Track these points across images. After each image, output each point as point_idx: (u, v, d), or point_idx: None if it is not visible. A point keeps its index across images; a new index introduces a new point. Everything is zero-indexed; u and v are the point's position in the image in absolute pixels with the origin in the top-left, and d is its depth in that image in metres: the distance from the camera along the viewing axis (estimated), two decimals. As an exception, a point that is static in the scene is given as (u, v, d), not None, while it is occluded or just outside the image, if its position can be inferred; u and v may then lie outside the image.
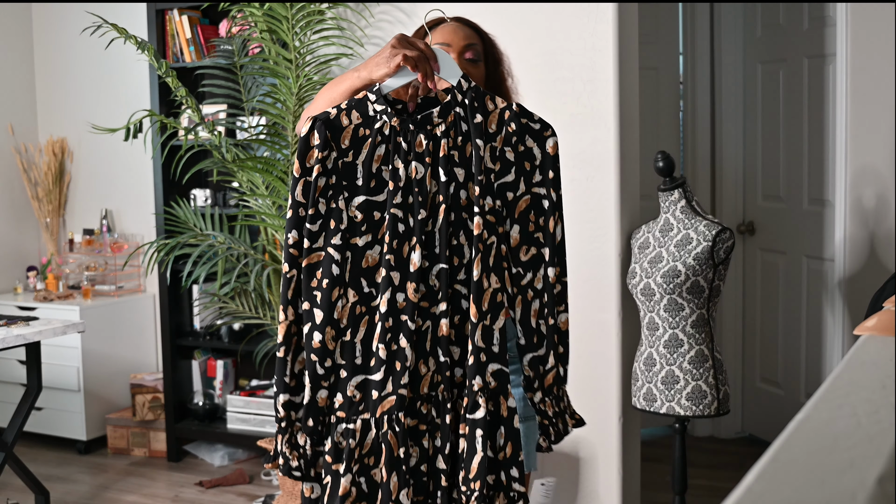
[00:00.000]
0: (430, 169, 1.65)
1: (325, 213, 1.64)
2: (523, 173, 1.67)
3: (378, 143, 1.66)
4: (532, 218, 1.68)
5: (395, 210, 1.63)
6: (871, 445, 0.68)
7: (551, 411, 1.70)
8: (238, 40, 3.76)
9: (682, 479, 3.14)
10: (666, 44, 4.37)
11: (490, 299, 1.63)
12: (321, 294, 1.63)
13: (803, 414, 0.77)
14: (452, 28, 1.98)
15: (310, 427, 1.64)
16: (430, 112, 1.67)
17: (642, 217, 3.40)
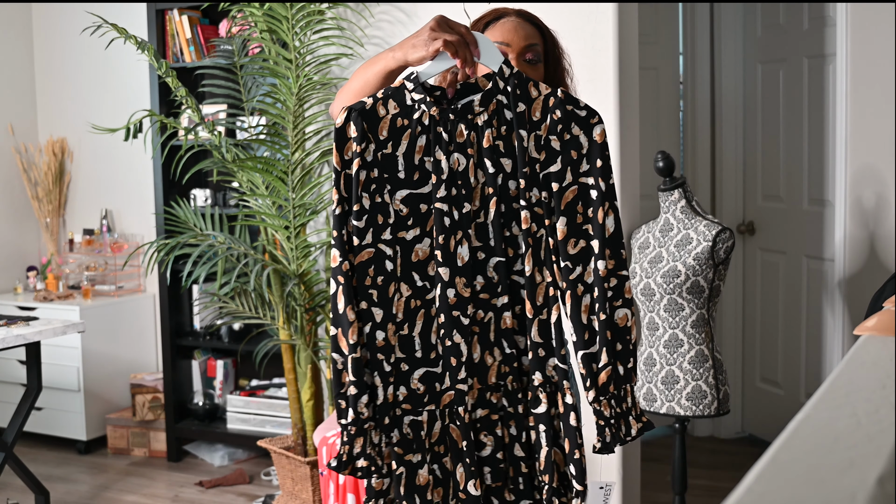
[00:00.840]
0: (473, 160, 1.61)
1: (370, 208, 1.60)
2: (570, 163, 1.61)
3: (418, 133, 1.61)
4: (580, 209, 1.61)
5: (440, 204, 1.59)
6: (871, 445, 0.68)
7: (608, 412, 1.63)
8: (238, 40, 3.76)
9: (682, 479, 3.14)
10: (666, 44, 4.37)
11: (544, 293, 1.60)
12: (377, 292, 1.60)
13: (803, 414, 0.77)
14: (513, 25, 1.88)
15: (385, 424, 1.61)
16: (470, 100, 1.61)
17: (642, 217, 3.39)
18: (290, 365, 3.59)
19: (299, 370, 3.57)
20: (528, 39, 1.88)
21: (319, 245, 3.57)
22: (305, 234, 3.54)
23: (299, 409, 3.59)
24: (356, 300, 1.61)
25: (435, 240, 1.60)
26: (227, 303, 3.71)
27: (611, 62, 3.20)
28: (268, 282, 3.43)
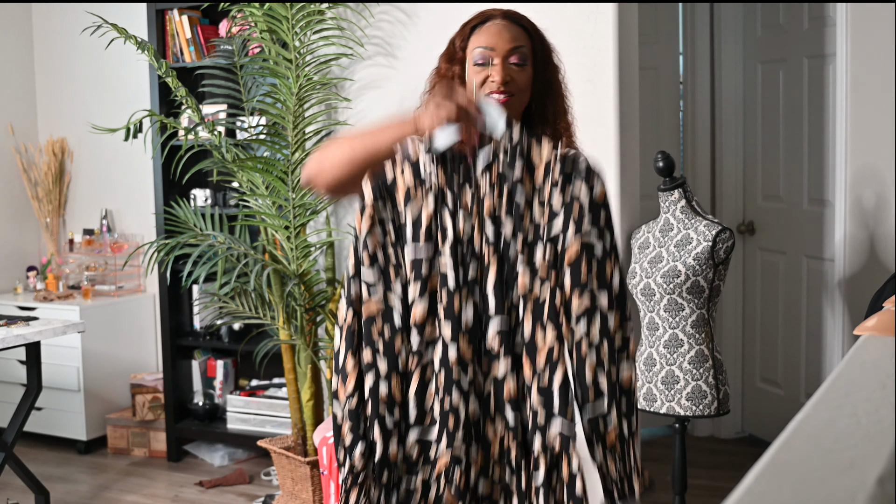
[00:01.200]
0: (476, 224, 1.64)
1: (383, 264, 1.65)
2: (572, 222, 1.63)
3: (428, 197, 1.67)
4: (584, 268, 1.61)
5: (445, 266, 1.63)
6: (871, 445, 0.68)
7: (615, 472, 1.62)
8: (238, 40, 3.76)
9: (682, 479, 3.14)
10: (666, 44, 4.37)
11: (546, 357, 1.58)
12: (384, 346, 1.62)
13: (803, 414, 0.77)
14: (498, 29, 1.88)
15: (383, 483, 1.62)
16: (474, 166, 1.67)
17: (642, 217, 3.39)
18: (290, 365, 3.59)
19: (299, 370, 3.57)
20: (513, 42, 1.87)
21: (319, 245, 3.57)
22: (305, 234, 3.54)
23: (299, 409, 3.59)
24: (362, 351, 1.63)
25: (439, 300, 1.62)
26: (227, 303, 3.71)
27: (611, 62, 3.20)
28: (268, 282, 3.43)
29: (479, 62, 1.87)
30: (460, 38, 1.93)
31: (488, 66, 1.86)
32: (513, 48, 1.87)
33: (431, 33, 3.51)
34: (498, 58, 1.85)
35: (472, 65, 1.87)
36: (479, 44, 1.87)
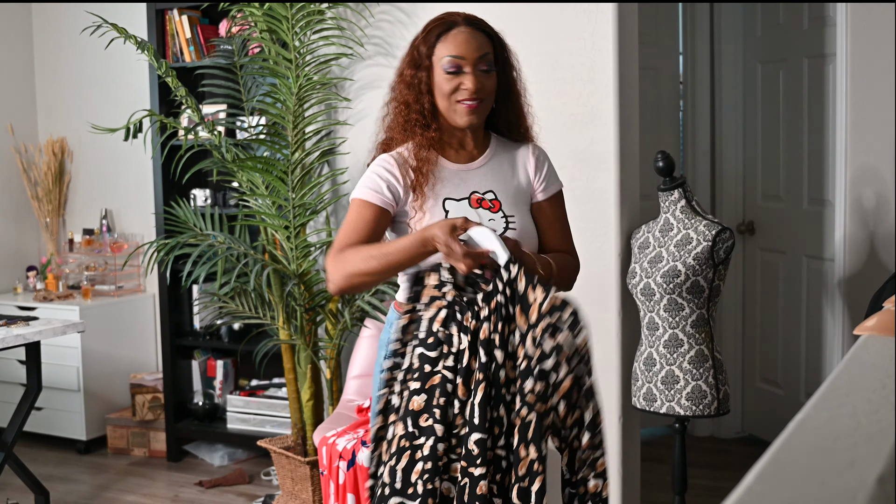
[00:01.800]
0: (470, 347, 1.81)
1: (402, 355, 1.89)
2: (564, 363, 1.78)
3: (442, 306, 1.85)
4: (575, 393, 1.80)
5: (445, 371, 1.81)
6: (871, 445, 0.68)
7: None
8: (238, 40, 3.76)
9: (682, 479, 3.14)
10: (666, 44, 4.37)
11: (528, 466, 1.76)
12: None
13: (803, 414, 0.77)
14: (465, 37, 1.98)
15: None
16: (475, 296, 1.84)
17: (642, 217, 3.39)
18: (290, 365, 3.59)
19: (299, 370, 3.57)
20: (480, 50, 1.99)
21: (319, 245, 3.57)
22: (305, 234, 3.54)
23: (299, 409, 3.59)
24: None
25: (437, 399, 1.80)
26: (227, 303, 3.71)
27: (611, 62, 3.20)
28: (268, 282, 3.43)
29: (450, 70, 1.98)
30: (425, 45, 2.02)
31: (459, 74, 1.98)
32: (480, 56, 1.98)
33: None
34: (468, 66, 1.97)
35: (444, 73, 1.98)
36: (448, 52, 1.97)
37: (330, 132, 3.71)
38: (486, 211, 2.05)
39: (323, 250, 3.70)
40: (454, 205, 2.05)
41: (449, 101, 2.00)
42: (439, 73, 1.99)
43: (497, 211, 2.06)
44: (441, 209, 2.04)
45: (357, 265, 1.91)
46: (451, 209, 2.05)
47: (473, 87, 1.96)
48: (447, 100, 2.00)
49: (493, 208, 2.06)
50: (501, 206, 2.07)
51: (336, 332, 3.47)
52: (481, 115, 2.03)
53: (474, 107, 1.99)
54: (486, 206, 2.06)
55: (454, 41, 1.98)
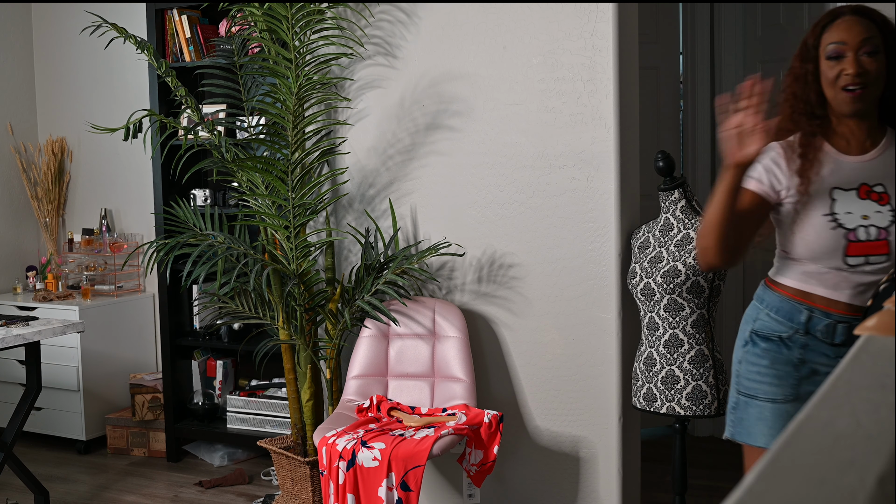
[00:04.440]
0: None
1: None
2: None
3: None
4: None
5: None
6: (871, 445, 0.67)
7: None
8: (238, 40, 3.75)
9: (682, 479, 3.14)
10: (666, 44, 4.37)
11: None
12: None
13: (803, 414, 0.77)
14: (847, 24, 2.02)
15: None
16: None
17: (642, 217, 3.39)
18: (290, 365, 3.58)
19: (299, 370, 3.57)
20: (863, 34, 2.01)
21: (319, 245, 3.57)
22: (305, 234, 3.54)
23: (299, 409, 3.59)
24: None
25: None
26: (227, 303, 3.71)
27: (611, 62, 3.19)
28: (267, 282, 3.43)
29: (831, 56, 2.04)
30: (812, 37, 2.10)
31: (841, 59, 2.02)
32: (863, 39, 2.01)
33: (431, 33, 3.51)
34: (850, 51, 2.01)
35: (825, 59, 2.03)
36: (830, 40, 2.03)
37: (330, 132, 3.71)
38: (874, 203, 2.07)
39: (323, 250, 3.70)
40: (842, 194, 2.08)
41: (834, 89, 2.05)
42: (824, 62, 2.06)
43: (885, 204, 2.07)
44: (828, 196, 2.08)
45: (704, 235, 2.04)
46: (838, 198, 2.08)
47: (854, 70, 2.00)
48: (832, 87, 2.06)
49: (881, 201, 2.07)
50: (890, 200, 2.07)
51: (336, 332, 3.47)
52: (866, 101, 2.05)
53: (858, 94, 2.02)
54: (874, 198, 2.07)
55: (837, 29, 2.03)
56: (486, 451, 3.04)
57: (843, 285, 2.09)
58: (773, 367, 2.16)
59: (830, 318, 2.11)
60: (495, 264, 3.45)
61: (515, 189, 3.40)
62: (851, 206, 2.06)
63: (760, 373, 2.18)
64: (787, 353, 2.15)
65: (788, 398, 2.15)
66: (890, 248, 2.05)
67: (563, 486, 3.38)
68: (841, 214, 2.07)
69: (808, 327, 2.13)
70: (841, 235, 2.06)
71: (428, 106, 3.53)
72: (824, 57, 2.05)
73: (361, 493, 2.91)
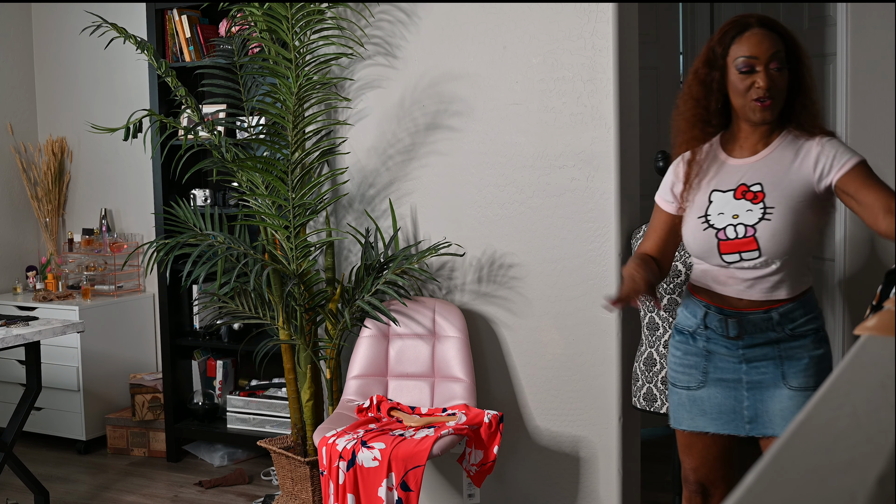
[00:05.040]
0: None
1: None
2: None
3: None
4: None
5: None
6: (871, 445, 0.67)
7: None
8: (238, 40, 3.75)
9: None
10: (666, 44, 4.37)
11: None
12: None
13: (803, 414, 0.77)
14: (758, 38, 2.12)
15: None
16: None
17: (642, 217, 3.39)
18: (290, 365, 3.58)
19: (299, 370, 3.57)
20: (773, 48, 2.12)
21: (319, 245, 3.57)
22: (305, 234, 3.54)
23: (299, 409, 3.59)
24: None
25: None
26: (227, 303, 3.71)
27: (611, 62, 3.19)
28: (267, 282, 3.43)
29: (743, 70, 2.13)
30: (720, 45, 2.17)
31: (752, 73, 2.12)
32: (772, 54, 2.11)
33: (431, 33, 3.51)
34: (761, 65, 2.11)
35: (738, 72, 2.13)
36: (741, 53, 2.12)
37: (330, 132, 3.71)
38: (747, 202, 2.17)
39: (323, 250, 3.70)
40: (719, 196, 2.20)
41: (744, 100, 2.15)
42: (733, 73, 2.15)
43: (758, 202, 2.16)
44: (706, 200, 2.21)
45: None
46: (715, 200, 2.20)
47: (765, 84, 2.10)
48: (742, 98, 2.15)
49: (754, 200, 2.17)
50: (765, 198, 2.16)
51: (336, 332, 3.47)
52: (774, 111, 2.15)
53: (767, 105, 2.12)
54: (748, 197, 2.18)
55: (748, 42, 2.12)
56: (486, 451, 3.04)
57: (730, 281, 2.22)
58: (686, 358, 2.33)
59: (722, 314, 2.24)
60: (495, 264, 3.45)
61: (515, 189, 3.40)
62: (725, 207, 2.18)
63: (676, 363, 2.36)
64: (694, 344, 2.31)
65: (699, 385, 2.31)
66: (758, 243, 2.14)
67: (563, 486, 3.38)
68: (713, 215, 2.19)
69: (705, 322, 2.28)
70: (712, 235, 2.19)
71: (428, 106, 3.53)
72: (734, 68, 2.14)
73: (361, 493, 2.91)
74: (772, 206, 2.14)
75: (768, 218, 2.14)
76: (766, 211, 2.15)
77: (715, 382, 2.29)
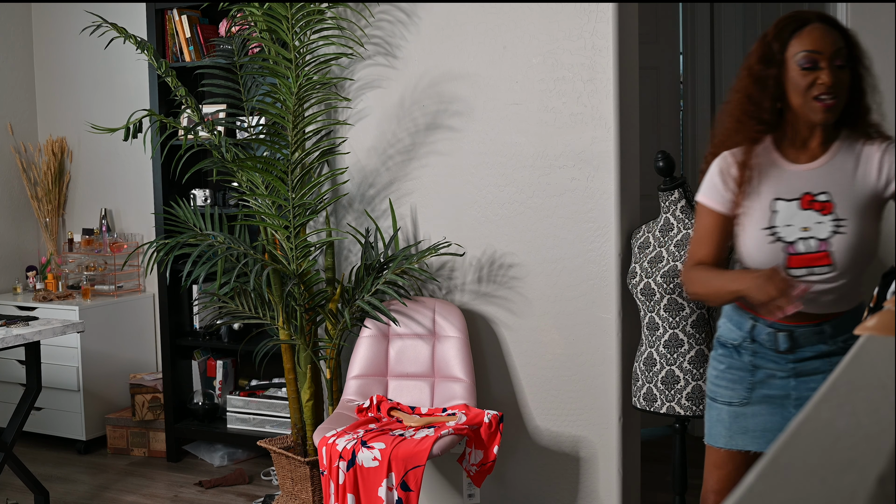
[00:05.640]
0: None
1: None
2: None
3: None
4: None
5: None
6: (871, 445, 0.67)
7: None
8: (238, 40, 3.75)
9: (682, 479, 3.14)
10: (666, 44, 4.37)
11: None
12: None
13: (803, 414, 0.77)
14: (820, 33, 2.00)
15: None
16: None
17: (642, 217, 3.39)
18: (290, 365, 3.58)
19: (299, 370, 3.57)
20: (836, 45, 2.00)
21: (319, 245, 3.57)
22: (305, 234, 3.54)
23: (299, 409, 3.59)
24: None
25: None
26: (227, 303, 3.71)
27: (611, 62, 3.19)
28: (267, 282, 3.43)
29: (805, 66, 2.00)
30: (778, 41, 2.04)
31: (815, 69, 1.99)
32: (836, 51, 2.00)
33: (431, 33, 3.51)
34: (824, 61, 1.99)
35: (798, 69, 2.01)
36: (803, 47, 2.00)
37: (330, 132, 3.71)
38: (816, 213, 2.04)
39: (323, 250, 3.70)
40: (783, 205, 2.06)
41: (804, 98, 2.02)
42: (793, 70, 2.02)
43: (828, 213, 2.04)
44: (769, 208, 2.07)
45: (697, 288, 2.14)
46: (780, 210, 2.06)
47: (829, 81, 1.98)
48: (802, 96, 2.02)
49: (823, 210, 2.04)
50: (834, 209, 2.04)
51: (336, 332, 3.47)
52: (836, 111, 2.03)
53: (830, 105, 2.00)
54: (816, 207, 2.04)
55: (810, 37, 2.00)
56: (486, 451, 3.04)
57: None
58: (729, 372, 2.21)
59: (772, 327, 2.12)
60: (495, 264, 3.45)
61: (515, 189, 3.40)
62: (792, 218, 2.05)
63: (719, 377, 2.24)
64: (739, 358, 2.19)
65: (743, 402, 2.19)
66: (832, 258, 2.03)
67: (563, 486, 3.38)
68: (780, 227, 2.06)
69: (752, 335, 2.16)
70: (780, 249, 2.06)
71: (428, 106, 3.53)
72: (794, 64, 2.02)
73: (361, 493, 2.91)
74: (843, 218, 2.03)
75: (842, 231, 2.02)
76: (839, 224, 2.03)
77: (760, 399, 2.16)
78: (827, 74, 1.98)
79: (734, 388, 2.20)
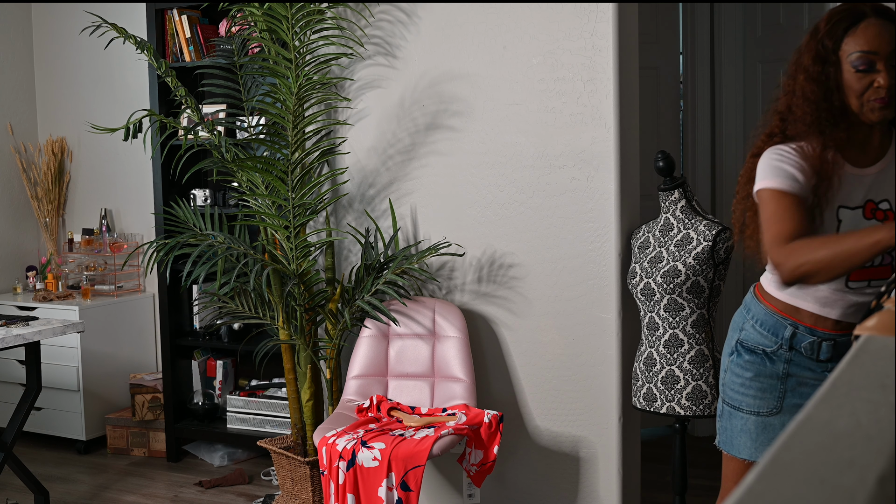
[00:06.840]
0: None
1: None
2: None
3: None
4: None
5: None
6: (871, 445, 0.67)
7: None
8: (238, 40, 3.75)
9: (682, 479, 3.14)
10: (666, 44, 4.37)
11: None
12: None
13: (803, 414, 0.77)
14: (876, 30, 1.86)
15: None
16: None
17: (642, 217, 3.39)
18: (290, 365, 3.58)
19: (299, 370, 3.57)
20: (893, 43, 1.85)
21: (319, 245, 3.57)
22: (305, 234, 3.54)
23: (299, 409, 3.59)
24: None
25: None
26: (227, 303, 3.71)
27: (611, 62, 3.19)
28: (267, 282, 3.43)
29: (861, 68, 1.87)
30: (831, 38, 1.91)
31: (871, 71, 1.86)
32: (894, 49, 1.85)
33: (431, 33, 3.51)
34: (881, 62, 1.85)
35: (853, 70, 1.88)
36: (858, 47, 1.86)
37: (330, 132, 3.71)
38: (878, 223, 1.93)
39: (323, 250, 3.70)
40: (848, 214, 1.96)
41: (860, 100, 1.90)
42: (848, 70, 1.89)
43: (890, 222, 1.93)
44: (835, 217, 1.95)
45: (814, 255, 1.78)
46: (844, 219, 1.95)
47: (887, 83, 1.86)
48: (858, 98, 1.90)
49: (886, 220, 1.95)
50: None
51: (336, 332, 3.47)
52: (894, 108, 1.91)
53: (887, 102, 1.88)
54: (879, 216, 1.95)
55: (864, 35, 1.86)
56: (486, 451, 3.04)
57: (836, 304, 2.01)
58: (757, 380, 2.10)
59: (815, 336, 2.04)
60: (495, 264, 3.45)
61: (515, 189, 3.40)
62: (857, 228, 1.94)
63: (744, 385, 2.12)
64: (771, 366, 2.08)
65: (773, 411, 2.09)
66: (895, 270, 1.94)
67: (563, 486, 3.38)
68: None
69: (791, 343, 2.06)
70: None
71: (428, 106, 3.53)
72: (850, 66, 1.89)
73: (361, 493, 2.91)
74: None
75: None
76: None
77: (792, 409, 2.06)
78: (884, 77, 1.86)
79: (764, 396, 2.09)
